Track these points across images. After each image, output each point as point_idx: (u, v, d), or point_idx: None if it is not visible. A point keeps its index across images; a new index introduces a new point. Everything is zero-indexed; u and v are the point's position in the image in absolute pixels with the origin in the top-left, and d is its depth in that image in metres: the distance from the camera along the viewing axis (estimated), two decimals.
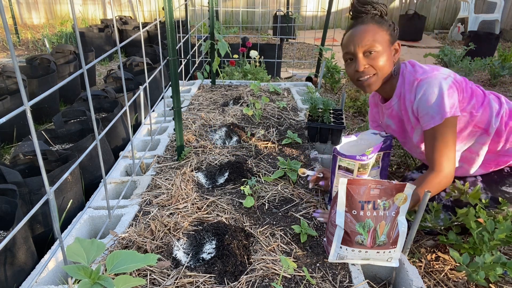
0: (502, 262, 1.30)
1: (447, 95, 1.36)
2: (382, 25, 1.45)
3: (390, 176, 2.16)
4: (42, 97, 1.02)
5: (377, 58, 1.44)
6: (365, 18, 1.46)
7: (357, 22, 1.48)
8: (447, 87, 1.37)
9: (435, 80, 1.39)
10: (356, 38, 1.44)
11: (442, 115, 1.35)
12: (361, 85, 1.50)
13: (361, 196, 1.24)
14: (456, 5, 7.65)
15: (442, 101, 1.36)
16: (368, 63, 1.45)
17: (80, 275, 0.81)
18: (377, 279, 1.41)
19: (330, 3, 3.57)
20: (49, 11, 7.74)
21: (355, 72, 1.48)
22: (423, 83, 1.41)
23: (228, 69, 3.77)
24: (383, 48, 1.44)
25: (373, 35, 1.43)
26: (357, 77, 1.49)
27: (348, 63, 1.52)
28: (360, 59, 1.45)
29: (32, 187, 1.52)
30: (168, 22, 1.75)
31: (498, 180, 1.51)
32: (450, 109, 1.35)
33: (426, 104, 1.38)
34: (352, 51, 1.46)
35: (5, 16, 0.82)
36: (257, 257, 1.35)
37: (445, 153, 1.39)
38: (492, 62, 4.05)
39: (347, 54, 1.50)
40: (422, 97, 1.39)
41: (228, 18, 7.87)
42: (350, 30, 1.49)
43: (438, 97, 1.36)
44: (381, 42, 1.43)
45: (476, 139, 1.50)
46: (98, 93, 2.53)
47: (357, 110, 3.24)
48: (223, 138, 2.35)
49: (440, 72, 1.43)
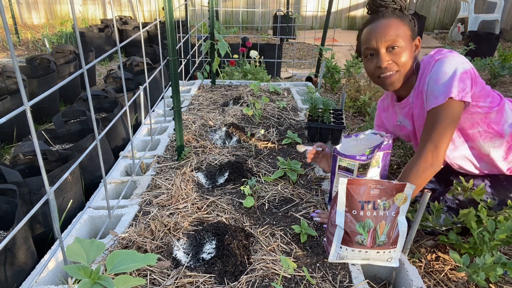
0: (502, 262, 1.30)
1: (459, 78, 1.29)
2: (403, 19, 1.40)
3: (390, 176, 2.16)
4: (42, 97, 1.02)
5: (400, 53, 1.38)
6: (386, 12, 1.41)
7: (378, 16, 1.42)
8: (461, 71, 1.30)
9: (452, 61, 1.33)
10: (378, 32, 1.38)
11: (446, 94, 1.29)
12: (383, 82, 1.44)
13: (361, 196, 1.24)
14: (456, 5, 7.65)
15: (451, 82, 1.29)
16: (391, 59, 1.39)
17: (80, 275, 0.81)
18: (377, 279, 1.41)
19: (330, 3, 3.57)
20: (49, 11, 7.74)
21: (377, 68, 1.42)
22: (439, 62, 1.35)
23: (228, 69, 3.77)
24: (406, 43, 1.38)
25: (396, 30, 1.37)
26: (378, 73, 1.43)
27: (368, 59, 1.45)
28: (383, 55, 1.39)
29: (32, 187, 1.52)
30: (168, 22, 1.75)
31: (508, 186, 1.48)
32: (458, 92, 1.28)
33: (435, 83, 1.32)
34: (374, 46, 1.39)
35: (5, 16, 0.82)
36: (257, 257, 1.35)
37: (440, 138, 1.31)
38: (492, 62, 4.05)
39: (367, 50, 1.43)
40: (433, 75, 1.34)
41: (228, 18, 7.87)
42: (370, 24, 1.42)
43: (449, 77, 1.30)
44: (404, 37, 1.38)
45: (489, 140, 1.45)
46: (98, 93, 2.53)
47: (357, 110, 3.24)
48: (223, 138, 2.35)
49: (460, 56, 1.37)
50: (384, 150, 1.59)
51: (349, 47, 6.05)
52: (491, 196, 1.48)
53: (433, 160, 1.33)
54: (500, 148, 1.45)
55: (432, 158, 1.33)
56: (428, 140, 1.34)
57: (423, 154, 1.34)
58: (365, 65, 1.48)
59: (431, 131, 1.33)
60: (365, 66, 1.48)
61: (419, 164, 1.34)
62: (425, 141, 1.35)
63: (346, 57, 5.37)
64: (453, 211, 1.51)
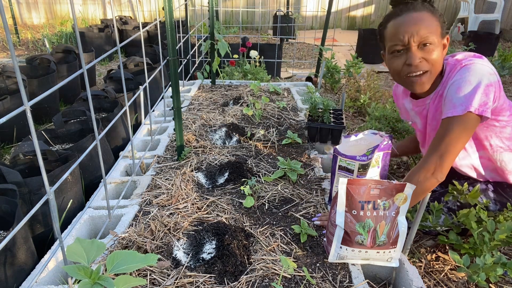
0: (502, 262, 1.30)
1: (483, 90, 1.20)
2: (434, 14, 1.28)
3: (390, 176, 2.16)
4: (42, 97, 1.02)
5: (432, 51, 1.27)
6: (416, 4, 1.28)
7: (407, 8, 1.29)
8: (487, 83, 1.22)
9: (478, 70, 1.24)
10: (410, 26, 1.26)
11: (466, 107, 1.20)
12: (411, 82, 1.33)
13: (361, 196, 1.24)
14: (456, 5, 7.65)
15: (473, 94, 1.20)
16: (422, 56, 1.28)
17: (80, 275, 0.81)
18: (377, 279, 1.41)
19: (330, 3, 3.57)
20: (49, 11, 7.74)
21: (406, 66, 1.31)
22: (464, 69, 1.26)
23: (228, 69, 3.77)
24: (438, 41, 1.27)
25: (429, 25, 1.25)
26: (407, 72, 1.32)
27: (394, 55, 1.33)
28: (414, 51, 1.27)
29: (32, 187, 1.52)
30: (168, 22, 1.75)
31: (510, 193, 1.45)
32: (478, 105, 1.19)
33: (455, 92, 1.24)
34: (406, 42, 1.27)
35: (5, 16, 0.82)
36: (257, 257, 1.35)
37: (447, 150, 1.23)
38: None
39: (395, 46, 1.31)
40: (455, 82, 1.25)
41: (228, 18, 7.86)
42: (398, 17, 1.30)
43: (472, 88, 1.21)
44: (436, 34, 1.27)
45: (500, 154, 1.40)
46: (98, 93, 2.53)
47: (357, 110, 3.24)
48: (223, 138, 2.35)
49: (488, 65, 1.27)
50: (384, 150, 1.59)
51: (349, 47, 6.05)
52: (493, 201, 1.47)
53: (435, 171, 1.26)
54: (509, 162, 1.41)
55: (435, 169, 1.26)
56: (435, 150, 1.27)
57: (426, 164, 1.29)
58: (389, 63, 1.36)
59: (441, 141, 1.26)
60: (389, 64, 1.37)
61: (421, 173, 1.29)
62: (432, 150, 1.28)
63: (346, 57, 5.37)
64: (454, 213, 1.50)
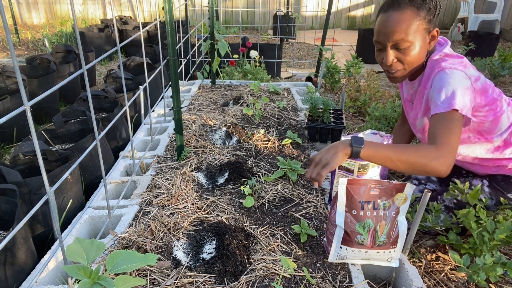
0: (502, 262, 1.30)
1: (461, 92, 1.25)
2: (420, 10, 1.28)
3: (390, 176, 2.16)
4: (42, 97, 1.02)
5: (407, 53, 1.32)
6: (402, 0, 1.29)
7: (392, 5, 1.30)
8: (464, 85, 1.27)
9: (455, 75, 1.28)
10: (387, 28, 1.30)
11: (449, 105, 1.23)
12: (388, 76, 1.43)
13: (361, 196, 1.24)
14: (456, 5, 7.65)
15: (453, 95, 1.24)
16: (396, 56, 1.34)
17: (80, 275, 0.81)
18: (377, 279, 1.41)
19: (330, 3, 3.57)
20: (49, 11, 7.74)
21: (382, 63, 1.39)
22: (442, 73, 1.30)
23: (228, 69, 3.77)
24: (417, 40, 1.30)
25: (407, 26, 1.27)
26: (384, 68, 1.41)
27: (377, 49, 1.41)
28: (388, 53, 1.34)
29: (32, 187, 1.52)
30: (168, 22, 1.75)
31: (505, 186, 1.48)
32: (462, 106, 1.23)
33: (437, 93, 1.28)
34: (382, 42, 1.34)
35: (5, 16, 0.82)
36: (257, 257, 1.35)
37: (448, 137, 1.21)
38: (492, 62, 4.05)
39: (376, 42, 1.38)
40: (436, 87, 1.30)
41: (228, 18, 7.86)
42: (383, 13, 1.33)
43: (451, 90, 1.25)
44: (416, 33, 1.29)
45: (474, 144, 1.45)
46: (98, 93, 2.53)
47: (357, 110, 3.24)
48: (223, 138, 2.35)
49: (466, 69, 1.32)
50: None
51: (349, 47, 6.05)
52: (489, 195, 1.49)
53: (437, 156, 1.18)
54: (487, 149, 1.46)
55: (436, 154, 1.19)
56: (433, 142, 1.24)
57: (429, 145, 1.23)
58: (375, 54, 1.43)
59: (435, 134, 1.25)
60: (375, 55, 1.43)
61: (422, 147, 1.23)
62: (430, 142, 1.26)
63: (346, 57, 5.37)
64: (451, 211, 1.51)
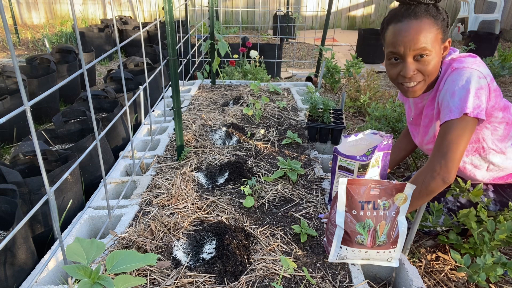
0: (502, 262, 1.30)
1: (475, 94, 1.21)
2: (437, 20, 1.24)
3: (390, 176, 2.16)
4: (42, 97, 1.02)
5: (428, 63, 1.26)
6: (418, 10, 1.23)
7: (408, 14, 1.24)
8: (477, 86, 1.22)
9: (468, 74, 1.24)
10: (407, 38, 1.23)
11: (461, 110, 1.20)
12: (404, 90, 1.35)
13: (361, 196, 1.24)
14: (456, 5, 7.65)
15: (466, 98, 1.20)
16: (417, 68, 1.28)
17: (80, 275, 0.81)
18: (377, 279, 1.41)
19: (330, 3, 3.57)
20: (49, 11, 7.73)
21: (400, 76, 1.31)
22: (454, 74, 1.27)
23: (228, 69, 3.77)
24: (436, 50, 1.26)
25: (427, 35, 1.22)
26: (401, 81, 1.33)
27: (392, 62, 1.32)
28: (409, 64, 1.27)
29: (32, 187, 1.52)
30: (168, 22, 1.75)
31: (511, 193, 1.45)
32: (473, 108, 1.20)
33: (450, 97, 1.24)
34: (401, 53, 1.26)
35: (5, 16, 0.82)
36: (257, 257, 1.35)
37: (449, 149, 1.21)
38: (492, 62, 4.05)
39: (392, 54, 1.30)
40: (448, 88, 1.26)
41: (228, 18, 7.86)
42: (399, 23, 1.26)
43: (465, 93, 1.21)
44: (434, 43, 1.24)
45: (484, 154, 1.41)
46: (98, 93, 2.53)
47: (357, 110, 3.24)
48: (223, 138, 2.35)
49: (479, 68, 1.27)
50: (384, 150, 1.59)
51: (349, 47, 6.05)
52: (493, 201, 1.47)
53: (441, 171, 1.23)
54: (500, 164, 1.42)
55: (440, 168, 1.23)
56: (438, 151, 1.25)
57: (430, 164, 1.26)
58: (387, 67, 1.36)
59: (443, 143, 1.24)
60: (387, 69, 1.37)
61: (426, 173, 1.26)
62: (435, 151, 1.27)
63: (346, 57, 5.37)
64: (454, 213, 1.50)
